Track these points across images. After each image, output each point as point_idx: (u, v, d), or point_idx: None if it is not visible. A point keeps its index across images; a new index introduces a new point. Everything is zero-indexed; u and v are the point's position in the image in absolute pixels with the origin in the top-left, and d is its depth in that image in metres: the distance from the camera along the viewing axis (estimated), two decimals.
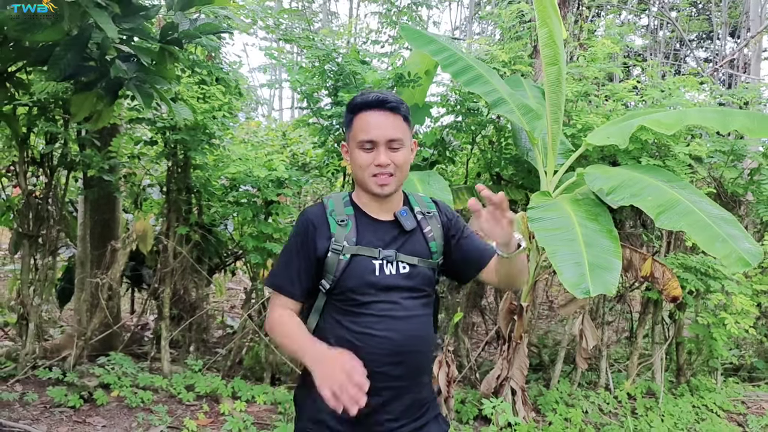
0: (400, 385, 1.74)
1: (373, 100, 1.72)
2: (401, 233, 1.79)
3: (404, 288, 1.75)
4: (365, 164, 1.72)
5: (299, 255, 1.73)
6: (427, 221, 1.84)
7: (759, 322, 5.54)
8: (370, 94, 1.72)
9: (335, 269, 1.70)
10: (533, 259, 4.14)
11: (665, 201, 3.38)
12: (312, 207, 1.82)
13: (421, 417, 1.81)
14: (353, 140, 1.74)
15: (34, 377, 4.33)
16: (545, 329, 6.46)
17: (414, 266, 1.77)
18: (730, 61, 14.91)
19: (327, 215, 1.75)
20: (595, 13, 14.82)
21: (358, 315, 1.71)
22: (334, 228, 1.72)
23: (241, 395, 4.23)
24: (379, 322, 1.70)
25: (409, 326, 1.74)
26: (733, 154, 4.75)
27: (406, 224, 1.78)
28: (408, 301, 1.75)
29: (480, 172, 5.32)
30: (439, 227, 1.86)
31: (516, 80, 4.83)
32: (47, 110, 4.37)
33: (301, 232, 1.75)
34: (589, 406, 4.37)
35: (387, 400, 1.73)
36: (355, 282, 1.70)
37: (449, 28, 24.24)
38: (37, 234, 4.52)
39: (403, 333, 1.73)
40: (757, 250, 3.16)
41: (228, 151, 4.72)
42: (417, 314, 1.77)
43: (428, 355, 1.84)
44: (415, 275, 1.77)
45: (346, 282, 1.70)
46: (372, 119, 1.71)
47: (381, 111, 1.71)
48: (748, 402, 4.78)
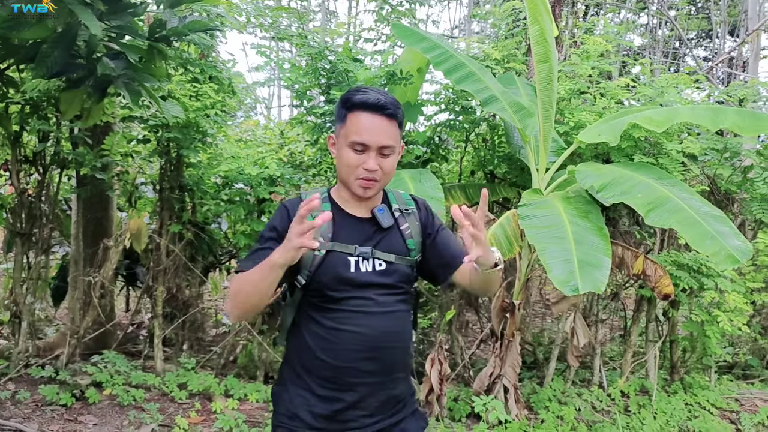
0: (374, 381, 1.73)
1: (372, 102, 1.67)
2: (378, 230, 1.78)
3: (380, 285, 1.74)
4: (353, 165, 1.69)
5: (273, 243, 1.63)
6: (405, 218, 1.83)
7: (753, 319, 5.54)
8: (370, 94, 1.68)
9: (310, 264, 1.68)
10: (525, 257, 4.14)
11: (655, 198, 3.37)
12: (290, 200, 1.80)
13: (397, 413, 1.81)
14: (344, 138, 1.70)
15: (26, 375, 4.33)
16: (540, 327, 6.46)
17: (391, 263, 1.76)
18: (729, 59, 14.89)
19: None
20: (594, 12, 14.82)
21: (331, 311, 1.71)
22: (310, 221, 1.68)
23: (234, 393, 4.24)
24: (351, 318, 1.70)
25: (383, 322, 1.73)
26: (727, 152, 4.74)
27: (383, 221, 1.78)
28: (383, 297, 1.74)
29: (474, 170, 5.32)
30: (417, 224, 1.85)
31: (509, 78, 4.82)
32: (39, 108, 4.37)
33: (277, 223, 1.72)
34: (582, 404, 4.36)
35: (362, 397, 1.72)
36: (329, 278, 1.69)
37: (449, 26, 24.22)
38: (30, 232, 4.52)
39: (377, 329, 1.72)
40: (746, 247, 3.15)
41: (220, 150, 4.72)
42: (392, 310, 1.76)
43: (404, 351, 1.82)
44: (392, 272, 1.76)
45: (320, 277, 1.69)
46: (368, 122, 1.67)
47: (378, 115, 1.68)
48: (742, 399, 4.78)
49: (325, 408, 1.71)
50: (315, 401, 1.72)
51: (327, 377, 1.71)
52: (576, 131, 4.42)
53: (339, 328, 1.70)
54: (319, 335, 1.71)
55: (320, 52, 4.30)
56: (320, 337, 1.71)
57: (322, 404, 1.71)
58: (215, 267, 5.78)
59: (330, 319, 1.71)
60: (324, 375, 1.71)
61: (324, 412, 1.71)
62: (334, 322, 1.70)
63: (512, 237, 3.70)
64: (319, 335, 1.71)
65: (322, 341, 1.70)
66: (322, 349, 1.70)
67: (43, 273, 4.66)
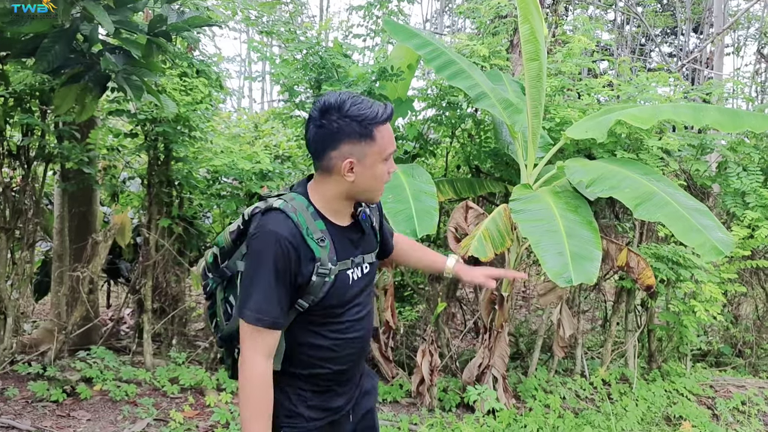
0: (359, 371, 1.92)
1: (390, 112, 1.67)
2: (361, 235, 1.82)
3: (364, 287, 1.83)
4: (385, 175, 1.71)
5: (280, 283, 1.61)
6: (372, 214, 1.91)
7: (725, 309, 5.75)
8: (377, 106, 1.66)
9: (319, 291, 1.67)
10: (514, 251, 4.24)
11: (642, 193, 3.50)
12: (282, 225, 1.63)
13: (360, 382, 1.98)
14: (379, 154, 1.66)
15: (12, 372, 4.28)
16: (520, 319, 6.60)
17: (372, 263, 1.86)
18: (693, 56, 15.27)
19: (304, 236, 1.64)
20: (564, 8, 15.03)
21: (334, 324, 1.75)
22: (317, 251, 1.65)
23: (226, 387, 4.25)
24: (352, 326, 1.78)
25: (369, 321, 1.88)
26: (702, 147, 4.92)
27: (366, 228, 1.84)
28: (366, 297, 1.84)
29: (459, 164, 5.40)
30: (378, 215, 1.97)
31: (495, 74, 4.91)
32: (23, 101, 4.30)
33: (280, 258, 1.60)
34: (566, 393, 4.50)
35: (351, 386, 1.90)
36: (337, 299, 1.72)
37: (420, 20, 24.29)
38: (15, 227, 4.45)
39: (367, 329, 1.85)
40: (729, 240, 3.31)
41: (210, 143, 4.71)
42: (371, 308, 1.89)
43: None
44: (372, 271, 1.86)
45: (328, 300, 1.70)
46: (389, 131, 1.70)
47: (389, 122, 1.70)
48: (716, 386, 4.97)
49: (321, 401, 1.79)
50: (311, 396, 1.78)
51: (327, 379, 1.79)
52: (561, 127, 4.54)
53: (341, 337, 1.76)
54: (322, 347, 1.75)
55: (311, 48, 4.32)
56: (324, 348, 1.75)
57: (318, 398, 1.79)
58: (198, 261, 5.76)
59: (334, 332, 1.75)
60: (324, 378, 1.78)
61: (321, 404, 1.79)
62: (338, 333, 1.76)
63: (504, 231, 3.79)
64: (323, 347, 1.75)
65: (326, 351, 1.75)
66: (326, 359, 1.76)
67: (27, 268, 4.59)
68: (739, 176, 4.80)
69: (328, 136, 1.63)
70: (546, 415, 4.09)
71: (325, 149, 1.65)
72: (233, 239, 1.77)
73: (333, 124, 1.62)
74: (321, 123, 1.63)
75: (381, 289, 4.45)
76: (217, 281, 1.84)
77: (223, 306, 1.82)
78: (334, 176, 1.67)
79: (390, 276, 4.60)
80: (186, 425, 3.71)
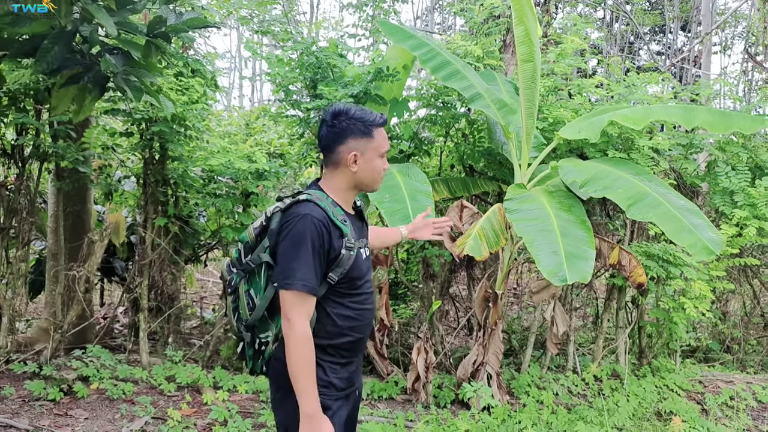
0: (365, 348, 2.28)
1: (385, 118, 2.08)
2: (363, 222, 2.19)
3: (370, 266, 2.16)
4: (381, 169, 2.09)
5: (317, 257, 1.89)
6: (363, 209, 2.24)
7: (713, 306, 5.84)
8: (375, 113, 2.04)
9: (347, 263, 1.96)
10: (507, 249, 4.29)
11: (635, 193, 3.56)
12: (315, 210, 1.93)
13: None
14: (376, 150, 2.04)
15: (8, 371, 4.28)
16: (512, 316, 6.67)
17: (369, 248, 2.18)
18: (681, 54, 15.42)
19: (331, 217, 1.95)
20: (554, 6, 15.10)
21: (356, 295, 2.04)
22: (345, 229, 1.96)
23: (223, 385, 4.28)
24: (368, 299, 2.09)
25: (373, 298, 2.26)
26: (691, 146, 4.99)
27: (365, 216, 2.22)
28: (371, 275, 2.16)
29: (453, 164, 5.45)
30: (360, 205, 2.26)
31: (489, 75, 4.96)
32: (18, 101, 4.29)
33: (317, 237, 1.89)
34: (559, 389, 4.56)
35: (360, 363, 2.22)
36: (357, 272, 2.02)
37: (411, 17, 24.30)
38: (9, 226, 4.45)
39: (373, 304, 2.22)
40: (719, 239, 3.38)
41: (206, 143, 4.73)
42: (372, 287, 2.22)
43: None
44: (370, 255, 2.19)
45: (352, 272, 2.00)
46: (384, 133, 2.10)
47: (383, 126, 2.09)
48: (705, 382, 5.06)
49: (345, 371, 2.06)
50: (339, 369, 2.04)
51: (349, 348, 2.05)
52: (554, 127, 4.59)
53: (362, 308, 2.06)
54: (348, 317, 2.02)
55: (307, 48, 4.34)
56: (349, 318, 2.03)
57: (344, 369, 2.05)
58: (192, 260, 5.78)
59: (356, 302, 2.04)
60: (347, 347, 2.04)
61: (345, 374, 2.06)
62: (360, 304, 2.05)
63: (498, 230, 3.83)
64: (349, 317, 2.02)
65: (350, 321, 2.02)
66: (350, 327, 2.03)
67: (22, 267, 4.59)
68: (728, 175, 4.88)
69: (338, 133, 2.00)
70: (539, 411, 4.15)
71: (335, 144, 2.00)
72: (256, 234, 2.02)
73: (342, 123, 2.00)
74: (332, 123, 2.00)
75: (376, 287, 4.50)
76: (240, 275, 2.05)
77: (246, 298, 2.03)
78: (342, 168, 2.03)
79: (385, 274, 4.65)
80: (184, 423, 3.73)
